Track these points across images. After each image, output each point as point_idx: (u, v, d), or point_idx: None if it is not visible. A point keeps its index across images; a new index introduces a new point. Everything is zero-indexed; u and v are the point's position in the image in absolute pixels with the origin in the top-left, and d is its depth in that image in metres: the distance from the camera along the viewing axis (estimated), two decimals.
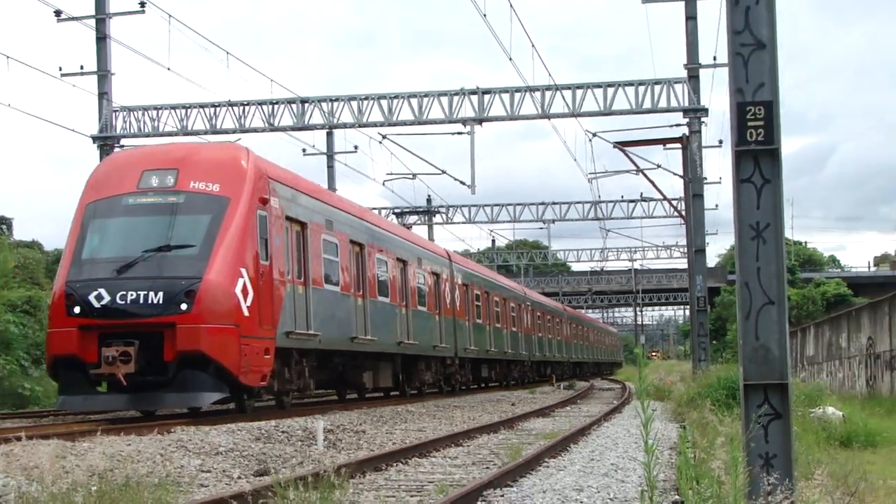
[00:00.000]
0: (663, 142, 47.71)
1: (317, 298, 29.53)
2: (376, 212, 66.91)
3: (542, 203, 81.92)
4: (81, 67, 42.32)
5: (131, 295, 23.77)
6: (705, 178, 49.81)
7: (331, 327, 30.82)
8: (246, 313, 24.50)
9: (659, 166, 53.53)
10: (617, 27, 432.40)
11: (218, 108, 47.03)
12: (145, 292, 23.75)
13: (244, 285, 24.54)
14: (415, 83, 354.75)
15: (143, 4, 40.22)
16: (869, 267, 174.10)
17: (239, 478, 16.02)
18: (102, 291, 23.66)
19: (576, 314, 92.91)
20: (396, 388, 41.00)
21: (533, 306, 68.09)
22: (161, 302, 23.71)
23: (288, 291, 27.57)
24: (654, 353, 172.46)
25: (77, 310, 23.80)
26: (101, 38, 41.05)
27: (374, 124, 47.37)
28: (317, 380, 31.50)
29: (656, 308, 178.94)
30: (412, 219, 75.15)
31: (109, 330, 23.52)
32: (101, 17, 40.68)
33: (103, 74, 42.32)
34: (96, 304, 23.63)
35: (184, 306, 23.48)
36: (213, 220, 24.62)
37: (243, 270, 24.63)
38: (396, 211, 65.15)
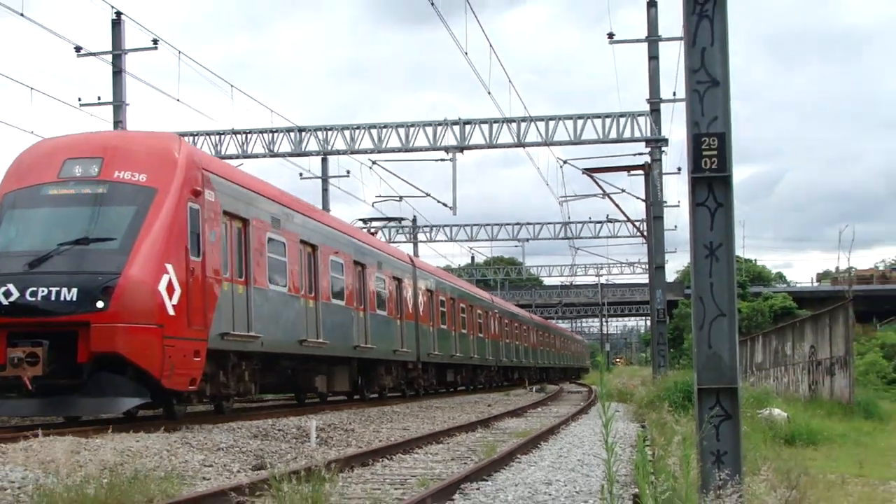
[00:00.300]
0: (627, 169, 47.72)
1: (259, 299, 25.57)
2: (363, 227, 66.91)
3: (518, 223, 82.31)
4: (99, 98, 41.88)
5: (42, 291, 20.38)
6: (665, 202, 49.83)
7: (276, 329, 26.68)
8: (171, 312, 21.03)
9: (623, 191, 53.55)
10: (588, 65, 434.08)
11: (222, 136, 47.08)
12: (58, 288, 20.33)
13: (170, 282, 21.17)
14: (405, 114, 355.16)
15: (155, 42, 40.12)
16: (812, 282, 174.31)
17: (238, 472, 15.99)
18: (11, 287, 20.19)
19: (543, 322, 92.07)
20: (355, 391, 36.93)
21: (500, 314, 65.64)
22: (75, 299, 20.26)
23: (224, 290, 23.80)
24: (618, 360, 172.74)
25: None
26: (117, 72, 40.93)
27: (365, 151, 47.31)
28: (263, 383, 27.79)
29: (620, 319, 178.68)
30: (400, 237, 75.33)
31: (18, 329, 20.08)
32: (118, 53, 40.55)
33: (118, 105, 42.05)
34: (4, 301, 20.13)
35: (100, 304, 20.06)
36: (137, 213, 21.41)
37: (169, 266, 21.20)
38: (375, 223, 61.09)
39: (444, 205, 53.67)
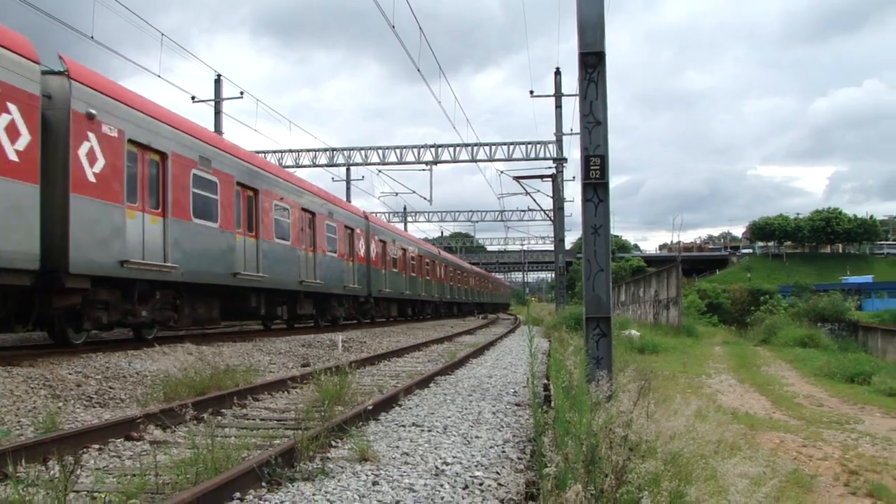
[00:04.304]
0: (542, 177, 47.66)
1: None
2: (380, 215, 66.64)
3: (471, 210, 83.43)
4: None
5: None
6: (565, 199, 49.90)
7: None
8: None
9: (539, 191, 54.30)
10: (524, 108, 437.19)
11: (283, 153, 47.08)
12: None
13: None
14: (403, 140, 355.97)
15: (241, 94, 40.02)
16: (656, 251, 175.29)
17: (292, 368, 15.97)
18: None
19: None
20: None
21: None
22: None
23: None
24: (534, 298, 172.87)
25: None
26: (217, 113, 40.57)
27: (374, 164, 47.59)
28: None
29: (536, 272, 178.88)
30: (395, 219, 75.46)
31: None
32: (218, 100, 40.23)
33: (218, 132, 41.76)
34: None
35: None
36: None
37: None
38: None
39: (424, 198, 54.16)
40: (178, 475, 5.98)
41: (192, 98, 39.95)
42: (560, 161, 45.40)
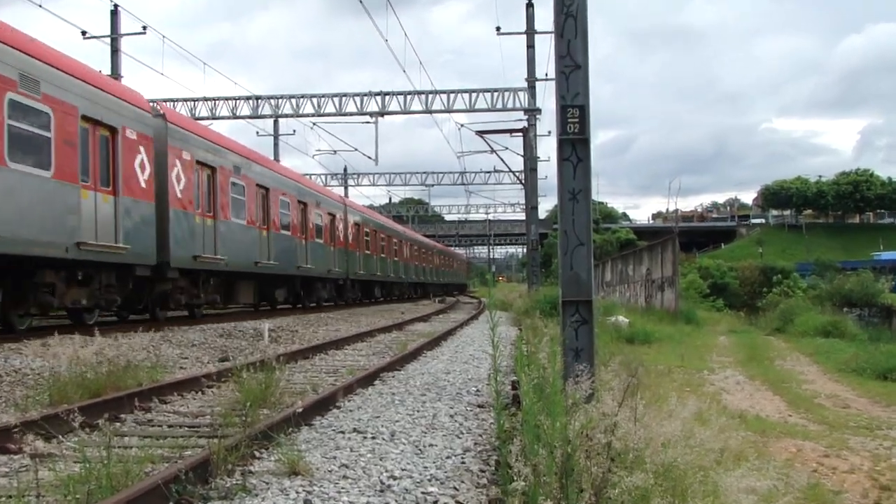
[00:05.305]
0: (510, 131, 47.72)
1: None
2: (315, 178, 66.69)
3: (425, 172, 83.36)
4: (100, 72, 41.24)
5: None
6: (538, 158, 50.08)
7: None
8: None
9: (507, 148, 54.13)
10: (491, 49, 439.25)
11: (196, 102, 46.73)
12: None
13: None
14: (353, 87, 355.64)
15: (144, 28, 39.64)
16: (648, 220, 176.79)
17: (208, 363, 15.90)
18: None
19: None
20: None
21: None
22: None
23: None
24: (501, 278, 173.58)
25: None
26: (115, 51, 40.06)
27: (308, 115, 47.44)
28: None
29: (504, 246, 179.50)
30: (333, 182, 75.36)
31: None
32: (115, 36, 39.74)
33: (116, 77, 41.22)
34: None
35: None
36: None
37: None
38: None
39: (369, 157, 53.99)
40: (65, 495, 5.94)
41: (83, 33, 39.40)
42: (533, 112, 45.54)
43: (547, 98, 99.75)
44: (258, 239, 28.75)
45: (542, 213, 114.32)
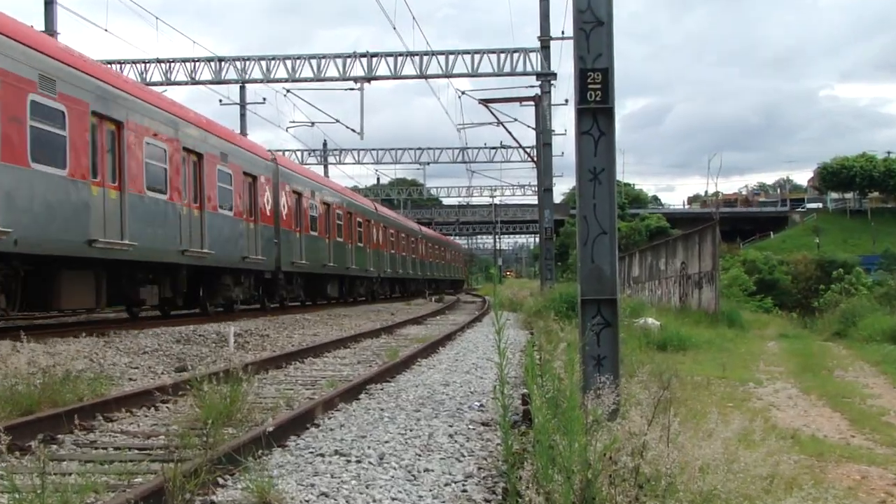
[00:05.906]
0: (520, 100, 47.77)
1: (306, 239, 36.40)
2: (290, 155, 65.72)
3: (419, 148, 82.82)
4: (32, 27, 41.20)
5: None
6: (553, 131, 50.18)
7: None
8: None
9: (516, 120, 53.62)
10: (499, 2, 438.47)
11: (148, 64, 46.67)
12: None
13: None
14: (334, 47, 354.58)
15: None
16: (683, 205, 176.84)
17: (162, 373, 15.90)
18: None
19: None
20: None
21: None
22: None
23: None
24: (509, 273, 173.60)
25: None
26: (49, 3, 40.06)
27: (280, 80, 47.47)
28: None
29: (512, 236, 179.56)
30: (311, 160, 75.19)
31: None
32: None
33: (50, 34, 41.20)
34: None
35: None
36: None
37: None
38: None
39: (353, 130, 53.75)
40: None
41: None
42: (546, 77, 45.52)
43: (564, 61, 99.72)
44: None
45: (558, 196, 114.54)
